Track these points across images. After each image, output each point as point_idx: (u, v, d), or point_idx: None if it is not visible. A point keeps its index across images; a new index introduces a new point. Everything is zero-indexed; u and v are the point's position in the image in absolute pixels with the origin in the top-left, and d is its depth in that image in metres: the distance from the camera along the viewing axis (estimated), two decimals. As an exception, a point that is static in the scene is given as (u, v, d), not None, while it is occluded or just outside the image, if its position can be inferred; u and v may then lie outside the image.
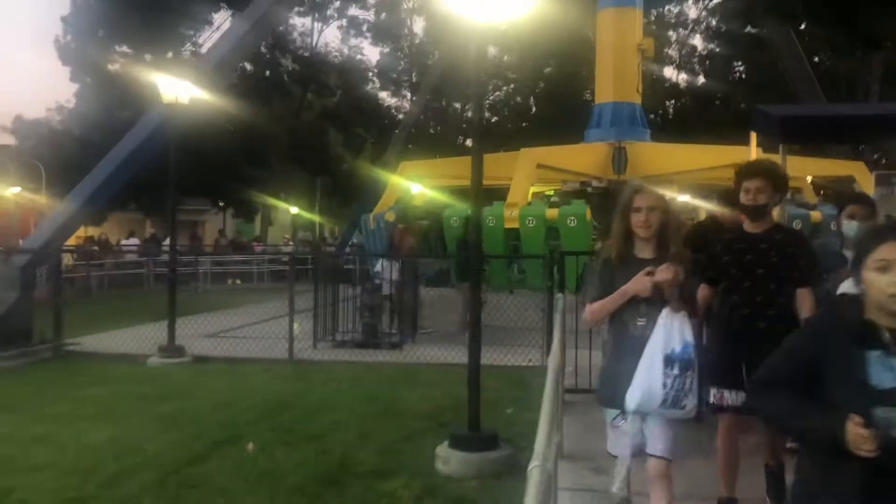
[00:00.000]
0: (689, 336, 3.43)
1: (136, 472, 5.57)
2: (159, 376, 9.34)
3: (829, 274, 4.54)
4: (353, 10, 37.88)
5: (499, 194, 15.07)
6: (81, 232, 30.87)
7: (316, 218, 42.72)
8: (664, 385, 3.37)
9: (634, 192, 3.57)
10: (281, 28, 36.84)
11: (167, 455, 5.96)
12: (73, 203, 11.44)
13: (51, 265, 11.41)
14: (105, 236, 28.89)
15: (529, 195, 15.91)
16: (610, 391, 3.62)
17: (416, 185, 18.72)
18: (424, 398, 8.13)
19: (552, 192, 19.19)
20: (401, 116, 41.22)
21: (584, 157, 17.29)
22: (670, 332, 3.41)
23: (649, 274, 3.41)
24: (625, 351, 3.51)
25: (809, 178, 19.02)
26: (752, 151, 9.84)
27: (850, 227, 4.74)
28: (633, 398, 3.43)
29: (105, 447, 6.15)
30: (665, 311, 3.42)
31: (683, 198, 19.11)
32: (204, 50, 36.80)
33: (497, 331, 11.86)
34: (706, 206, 13.27)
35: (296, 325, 13.20)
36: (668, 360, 3.38)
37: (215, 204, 36.71)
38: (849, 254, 4.59)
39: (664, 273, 3.38)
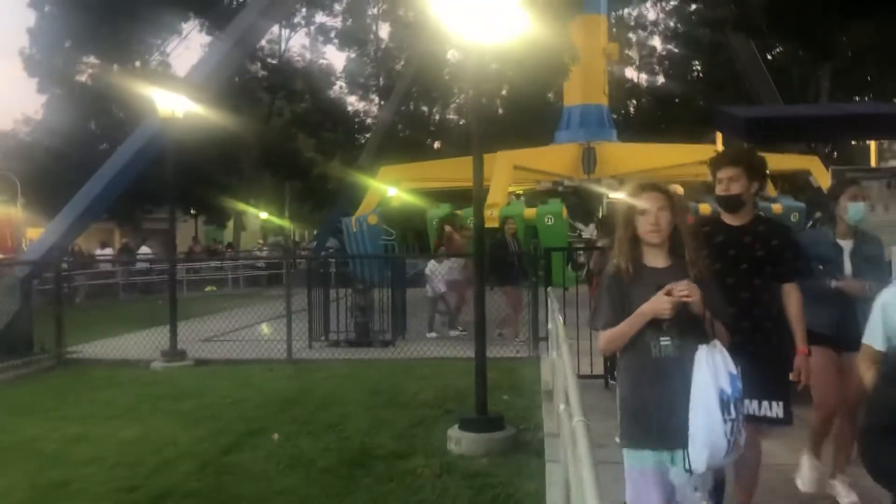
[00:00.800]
0: (731, 366, 2.94)
1: (175, 463, 6.05)
2: (167, 379, 9.75)
3: (825, 265, 4.38)
4: (321, 17, 38.26)
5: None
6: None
7: (286, 223, 43.02)
8: (726, 434, 2.86)
9: (639, 192, 3.13)
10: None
11: (200, 447, 6.45)
12: (71, 214, 11.76)
13: (53, 275, 11.72)
14: (78, 246, 28.92)
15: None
16: (639, 428, 3.08)
17: (393, 189, 19.25)
18: (424, 389, 8.68)
19: (521, 192, 19.88)
20: (370, 120, 41.77)
21: (556, 158, 18.00)
22: (716, 370, 2.89)
23: (668, 293, 2.92)
24: (648, 377, 3.05)
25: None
26: (719, 150, 10.58)
27: (856, 208, 4.41)
28: (700, 459, 2.89)
29: (140, 442, 6.62)
30: (704, 348, 2.92)
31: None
32: (172, 59, 37.12)
33: (492, 326, 12.53)
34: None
35: (264, 327, 13.67)
36: (724, 405, 2.86)
37: (187, 211, 36.84)
38: (845, 244, 4.48)
39: (685, 292, 2.90)
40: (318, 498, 5.27)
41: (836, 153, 27.90)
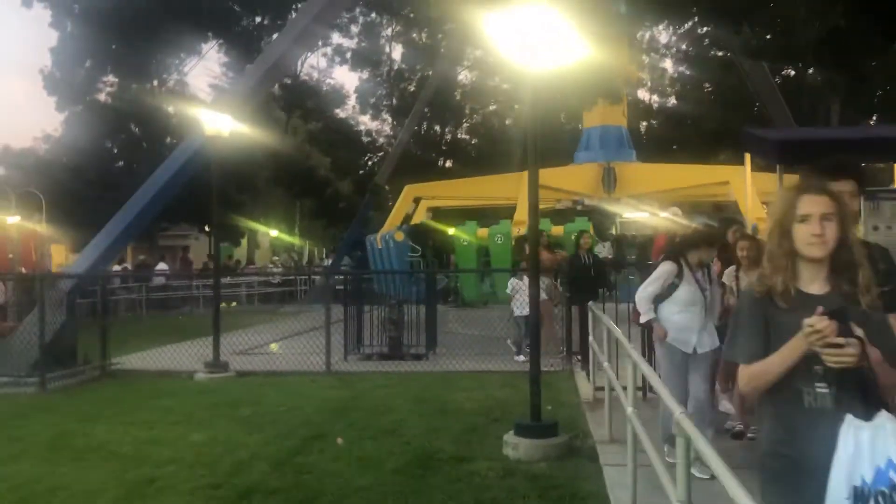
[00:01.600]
0: (891, 448, 2.18)
1: (250, 463, 6.37)
2: (215, 389, 10.06)
3: None
4: (337, 38, 38.92)
5: (504, 213, 16.04)
6: (73, 260, 31.33)
7: (296, 240, 43.44)
8: None
9: (800, 193, 2.52)
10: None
11: (269, 449, 6.77)
12: (115, 229, 12.13)
13: (99, 289, 12.07)
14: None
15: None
16: (792, 495, 2.42)
17: (422, 207, 19.67)
18: (469, 400, 9.00)
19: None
20: (382, 140, 42.34)
21: (578, 178, 18.40)
22: (859, 449, 2.21)
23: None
24: (800, 433, 2.41)
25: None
26: (748, 172, 10.97)
27: None
28: None
29: (211, 445, 6.94)
30: (851, 420, 2.24)
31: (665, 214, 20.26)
32: (189, 78, 37.72)
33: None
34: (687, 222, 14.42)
35: (273, 346, 13.94)
36: (858, 496, 2.18)
37: (202, 229, 37.25)
38: None
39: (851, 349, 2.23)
40: (395, 495, 5.57)
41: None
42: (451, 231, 15.89)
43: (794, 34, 6.21)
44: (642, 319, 6.24)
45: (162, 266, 29.98)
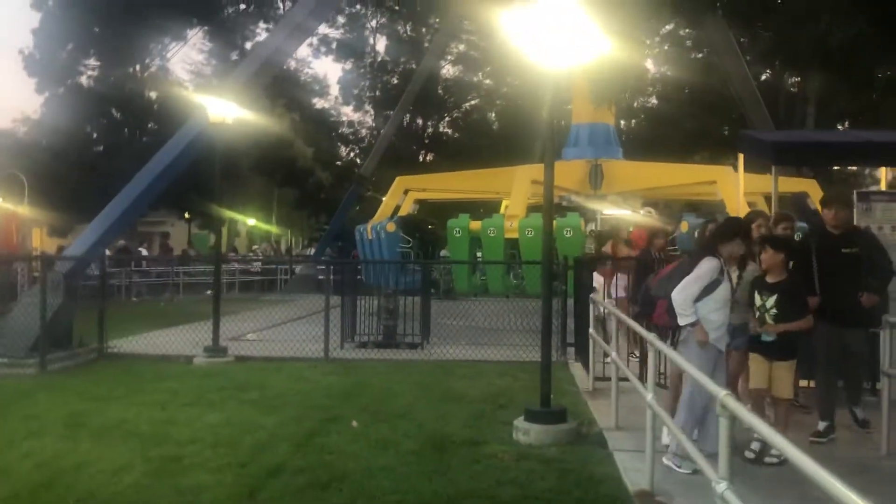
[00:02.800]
0: None
1: (271, 443, 6.52)
2: (218, 373, 10.15)
3: None
4: (323, 28, 38.83)
5: (493, 207, 16.26)
6: (48, 243, 31.01)
7: (274, 229, 43.31)
8: None
9: None
10: (249, 44, 37.64)
11: (286, 431, 6.92)
12: (114, 213, 12.14)
13: (99, 272, 12.08)
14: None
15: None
16: None
17: (409, 199, 19.83)
18: (471, 387, 9.21)
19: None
20: (364, 131, 42.35)
21: (565, 174, 18.61)
22: None
23: None
24: None
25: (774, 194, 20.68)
26: (741, 172, 11.31)
27: None
28: None
29: (227, 426, 7.07)
30: None
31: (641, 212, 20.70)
32: (171, 62, 37.42)
33: (507, 333, 13.13)
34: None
35: (252, 335, 13.99)
36: None
37: (181, 215, 37.04)
38: None
39: None
40: (418, 475, 5.76)
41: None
42: (447, 222, 16.07)
43: (802, 39, 6.48)
44: (682, 321, 5.87)
45: (142, 251, 29.83)
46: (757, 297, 6.10)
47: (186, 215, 36.86)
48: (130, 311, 18.76)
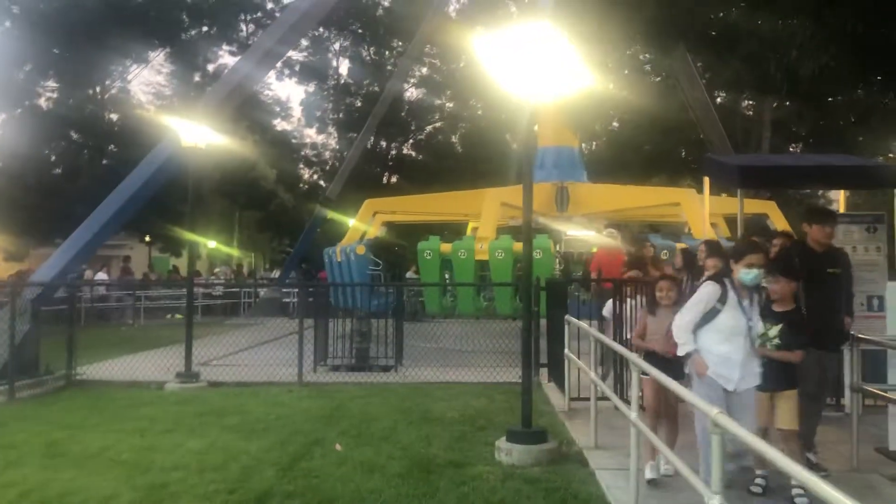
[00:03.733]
0: None
1: (257, 469, 6.52)
2: (191, 399, 10.07)
3: None
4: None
5: (460, 229, 16.40)
6: (3, 268, 30.32)
7: (235, 252, 42.95)
8: None
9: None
10: (211, 66, 37.54)
11: (271, 456, 6.92)
12: (82, 238, 12.01)
13: (67, 297, 11.91)
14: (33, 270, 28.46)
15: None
16: None
17: (377, 221, 19.93)
18: (449, 409, 9.29)
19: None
20: (327, 154, 42.35)
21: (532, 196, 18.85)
22: None
23: None
24: None
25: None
26: (706, 195, 11.65)
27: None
28: None
29: (210, 452, 7.05)
30: None
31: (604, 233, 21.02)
32: (132, 84, 37.12)
33: (480, 355, 13.23)
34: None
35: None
36: None
37: (141, 239, 36.56)
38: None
39: None
40: (408, 497, 5.83)
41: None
42: (417, 245, 16.18)
43: (770, 69, 6.79)
44: (681, 351, 5.56)
45: (102, 275, 29.28)
46: (760, 324, 5.61)
47: (147, 238, 36.37)
48: (94, 337, 18.42)
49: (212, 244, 41.41)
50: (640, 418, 5.42)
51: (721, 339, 5.36)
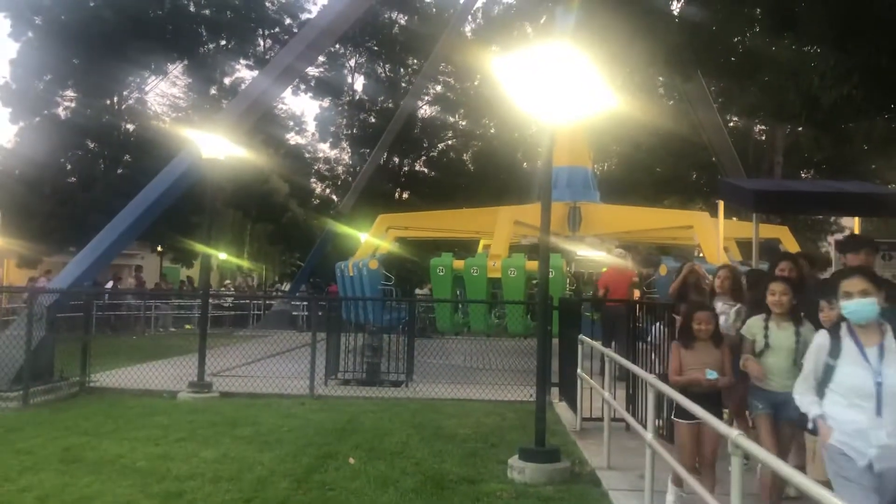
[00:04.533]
0: None
1: (271, 479, 6.56)
2: (204, 409, 10.13)
3: None
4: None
5: (472, 245, 16.41)
6: (17, 275, 30.54)
7: (245, 264, 43.08)
8: None
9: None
10: (227, 80, 37.91)
11: (285, 467, 6.96)
12: (100, 246, 12.12)
13: (83, 304, 12.01)
14: (50, 278, 28.63)
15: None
16: None
17: (389, 237, 20.04)
18: (461, 426, 9.32)
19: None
20: (340, 169, 42.59)
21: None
22: None
23: None
24: None
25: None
26: (720, 218, 11.68)
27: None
28: None
29: (225, 461, 7.09)
30: None
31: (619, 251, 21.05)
32: (149, 96, 37.48)
33: (491, 372, 13.27)
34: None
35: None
36: None
37: (153, 249, 36.74)
38: None
39: None
40: (422, 512, 5.86)
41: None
42: (430, 261, 16.26)
43: (789, 95, 6.86)
44: (810, 419, 4.29)
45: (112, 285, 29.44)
46: None
47: (159, 248, 36.55)
48: (107, 345, 18.53)
49: (223, 256, 41.60)
50: (655, 440, 5.45)
51: (844, 402, 4.05)
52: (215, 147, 11.52)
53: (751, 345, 5.49)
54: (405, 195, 42.29)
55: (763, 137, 34.80)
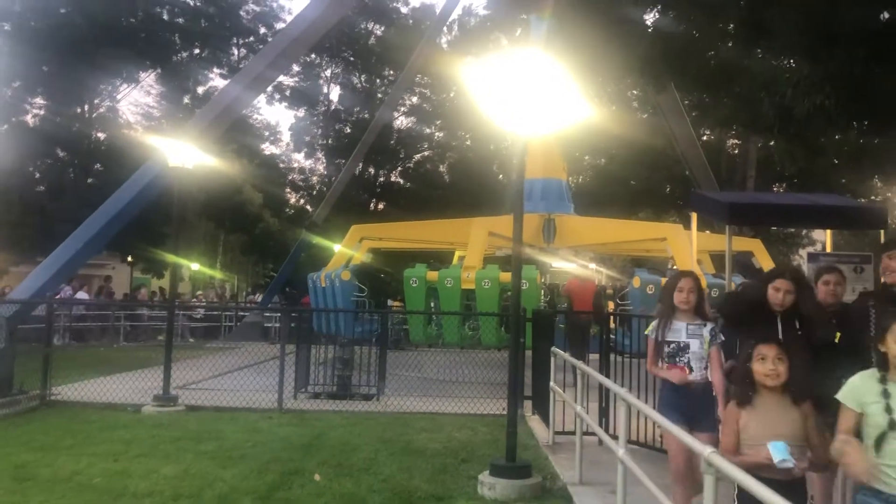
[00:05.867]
0: None
1: (232, 497, 6.34)
2: (168, 423, 9.84)
3: None
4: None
5: (445, 257, 16.31)
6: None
7: (218, 274, 42.61)
8: None
9: None
10: (201, 89, 37.57)
11: (248, 484, 6.74)
12: (64, 255, 11.81)
13: (45, 315, 11.68)
14: (6, 291, 28.04)
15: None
16: None
17: (363, 248, 19.85)
18: (432, 440, 9.12)
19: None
20: (314, 179, 42.33)
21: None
22: None
23: None
24: None
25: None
26: (693, 231, 11.64)
27: None
28: None
29: (186, 478, 6.85)
30: None
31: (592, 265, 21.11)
32: (121, 104, 37.05)
33: (463, 385, 13.09)
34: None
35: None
36: None
37: (123, 259, 36.19)
38: None
39: None
40: (388, 531, 5.67)
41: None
42: (404, 272, 16.10)
43: (762, 106, 6.83)
44: None
45: (82, 295, 28.88)
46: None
47: (129, 259, 36.01)
48: (71, 357, 18.10)
49: (195, 266, 41.13)
50: (627, 454, 5.32)
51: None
52: (182, 155, 11.28)
53: (854, 419, 3.47)
54: (380, 206, 42.16)
55: (736, 151, 35.13)
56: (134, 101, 38.67)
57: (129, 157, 27.81)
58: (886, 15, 6.43)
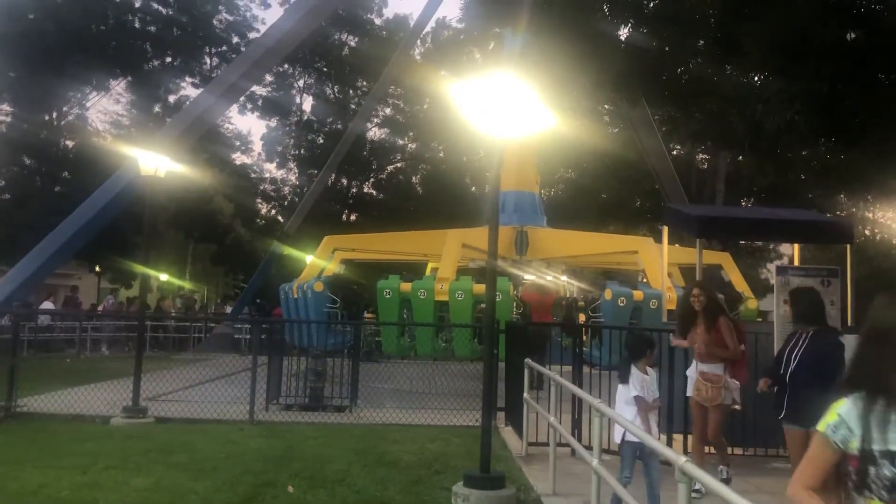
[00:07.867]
0: None
1: (205, 509, 6.27)
2: (138, 435, 9.71)
3: None
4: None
5: (419, 268, 16.30)
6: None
7: (187, 284, 42.15)
8: None
9: None
10: (172, 98, 37.27)
11: (220, 497, 6.67)
12: (32, 264, 11.63)
13: (11, 325, 11.47)
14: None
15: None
16: None
17: (336, 259, 19.77)
18: (405, 452, 9.10)
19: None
20: (286, 189, 42.14)
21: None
22: None
23: None
24: None
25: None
26: (665, 244, 11.78)
27: None
28: None
29: (157, 491, 6.77)
30: None
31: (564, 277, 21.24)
32: (90, 112, 36.61)
33: (436, 397, 13.08)
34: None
35: None
36: None
37: (91, 268, 35.69)
38: None
39: None
40: (363, 543, 5.65)
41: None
42: (377, 283, 16.07)
43: (735, 122, 6.96)
44: None
45: (48, 305, 28.40)
46: None
47: (97, 269, 35.50)
48: (37, 368, 17.78)
49: (164, 277, 40.65)
50: (601, 465, 5.36)
51: None
52: (154, 164, 11.19)
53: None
54: (353, 217, 42.08)
55: (705, 166, 35.61)
56: (104, 109, 38.30)
57: (97, 166, 27.47)
58: (853, 35, 6.60)
